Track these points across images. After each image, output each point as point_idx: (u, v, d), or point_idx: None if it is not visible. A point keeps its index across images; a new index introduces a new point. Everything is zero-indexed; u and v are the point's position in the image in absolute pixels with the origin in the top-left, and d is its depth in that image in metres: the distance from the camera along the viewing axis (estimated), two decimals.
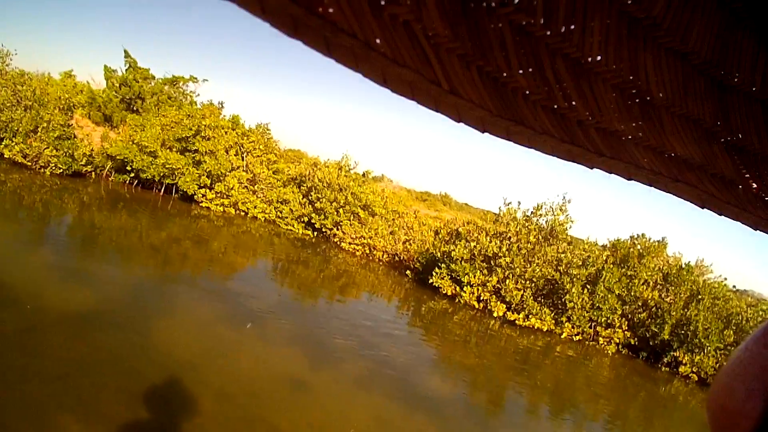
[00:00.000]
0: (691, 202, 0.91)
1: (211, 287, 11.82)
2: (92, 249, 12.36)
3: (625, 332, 18.71)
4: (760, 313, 18.68)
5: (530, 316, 17.83)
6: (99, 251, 12.31)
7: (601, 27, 0.61)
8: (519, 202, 20.09)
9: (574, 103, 0.68)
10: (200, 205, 20.95)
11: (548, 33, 0.58)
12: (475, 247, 18.38)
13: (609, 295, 17.87)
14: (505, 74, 0.60)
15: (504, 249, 18.18)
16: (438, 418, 8.43)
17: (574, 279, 17.88)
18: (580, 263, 18.46)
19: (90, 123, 23.10)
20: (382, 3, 0.47)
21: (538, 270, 18.13)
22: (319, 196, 22.01)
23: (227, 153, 21.23)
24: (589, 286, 18.03)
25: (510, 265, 17.97)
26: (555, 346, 17.20)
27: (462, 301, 18.04)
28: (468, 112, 0.59)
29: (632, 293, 18.53)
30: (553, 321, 18.13)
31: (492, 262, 18.25)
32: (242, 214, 21.66)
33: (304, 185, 22.84)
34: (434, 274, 18.42)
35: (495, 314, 17.77)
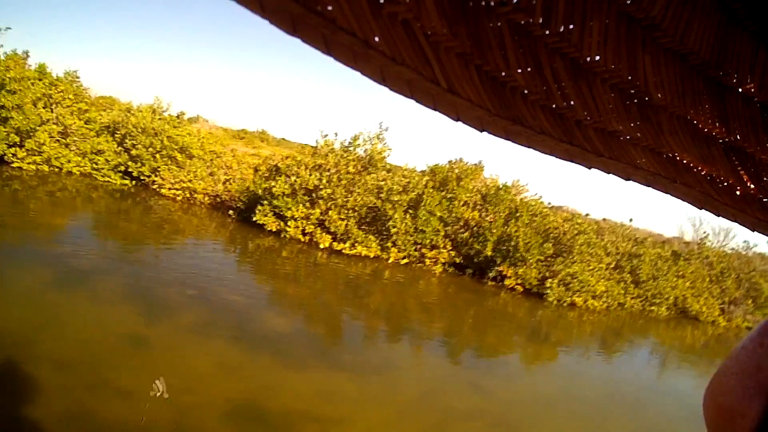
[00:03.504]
0: (689, 203, 0.91)
1: (34, 253, 11.24)
2: None
3: (450, 252, 19.50)
4: (576, 226, 20.10)
5: (356, 245, 18.23)
6: None
7: (600, 27, 0.61)
8: (336, 134, 20.22)
9: (572, 102, 0.68)
10: (11, 165, 19.44)
11: (547, 32, 0.58)
12: (295, 181, 18.55)
13: (431, 218, 18.64)
14: (503, 73, 0.60)
15: (324, 181, 18.47)
16: (280, 355, 8.45)
17: (396, 205, 18.45)
18: (401, 189, 18.97)
19: None
20: (381, 1, 0.47)
21: (359, 199, 18.58)
22: (135, 142, 21.27)
23: (35, 106, 19.92)
24: (411, 211, 18.70)
25: (331, 196, 18.31)
26: (384, 271, 17.51)
27: (288, 236, 18.11)
28: (466, 111, 0.59)
29: (453, 214, 19.46)
30: (380, 247, 18.59)
31: (314, 194, 18.50)
32: (56, 170, 20.41)
33: (118, 133, 21.95)
34: (257, 211, 18.41)
35: (322, 246, 17.98)
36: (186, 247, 15.03)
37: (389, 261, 18.46)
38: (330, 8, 0.44)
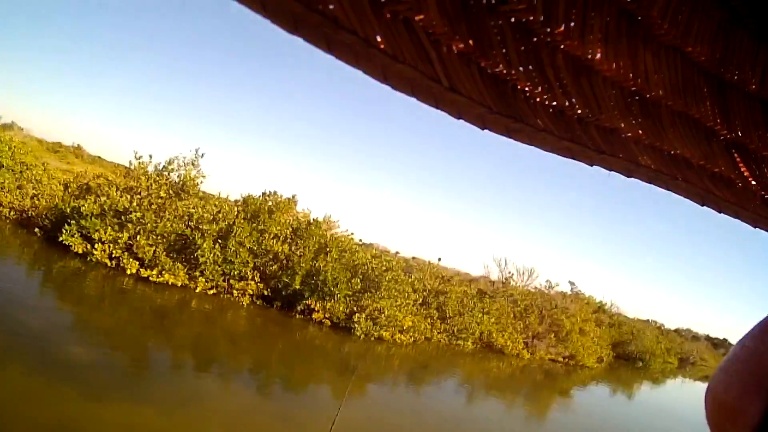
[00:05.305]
0: (690, 199, 0.91)
1: None
2: None
3: (258, 284, 19.41)
4: (384, 262, 20.72)
5: (164, 272, 17.82)
6: None
7: (601, 25, 0.61)
8: (150, 156, 19.75)
9: (573, 100, 0.68)
10: None
11: (548, 30, 0.58)
12: (105, 202, 18.00)
13: (240, 249, 18.53)
14: (505, 71, 0.60)
15: (135, 204, 18.06)
16: (84, 385, 8.19)
17: (206, 234, 18.25)
18: (211, 218, 18.86)
19: None
20: (383, 0, 0.47)
21: (169, 225, 18.22)
22: None
23: None
24: (220, 241, 18.53)
25: (141, 220, 17.85)
26: (191, 301, 17.37)
27: (94, 260, 17.45)
28: (468, 109, 0.59)
29: (263, 247, 19.35)
30: (187, 276, 18.30)
31: (123, 217, 17.99)
32: None
33: None
34: (64, 231, 17.54)
35: (129, 271, 17.42)
36: None
37: (197, 290, 18.11)
38: (331, 7, 0.44)
